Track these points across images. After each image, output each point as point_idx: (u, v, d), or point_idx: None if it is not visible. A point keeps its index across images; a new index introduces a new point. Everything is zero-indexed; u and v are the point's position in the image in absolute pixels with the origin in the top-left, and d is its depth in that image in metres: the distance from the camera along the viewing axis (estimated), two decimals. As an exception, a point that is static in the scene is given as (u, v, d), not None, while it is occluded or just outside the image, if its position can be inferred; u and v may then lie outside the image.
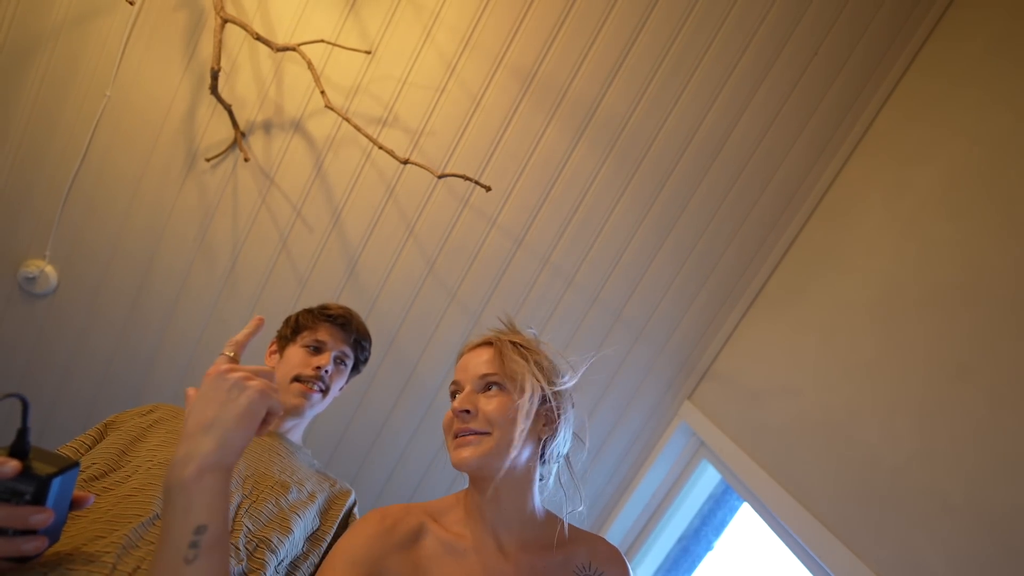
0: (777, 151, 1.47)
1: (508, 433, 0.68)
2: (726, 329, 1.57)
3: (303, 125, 1.36)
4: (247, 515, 0.76)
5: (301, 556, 0.80)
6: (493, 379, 0.72)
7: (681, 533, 1.57)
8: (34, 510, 0.49)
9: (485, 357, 0.74)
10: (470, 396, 0.71)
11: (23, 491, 0.48)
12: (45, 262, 1.37)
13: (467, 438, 0.69)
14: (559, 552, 0.72)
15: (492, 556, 0.68)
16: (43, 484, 0.49)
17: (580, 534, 0.77)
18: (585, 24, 1.35)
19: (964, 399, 0.88)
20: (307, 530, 0.83)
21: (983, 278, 0.94)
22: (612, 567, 0.75)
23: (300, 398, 0.95)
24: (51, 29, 1.25)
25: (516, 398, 0.70)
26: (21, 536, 0.49)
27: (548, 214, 1.47)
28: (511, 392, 0.71)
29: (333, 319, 1.03)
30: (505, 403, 0.70)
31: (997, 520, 0.76)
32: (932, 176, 1.15)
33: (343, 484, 0.95)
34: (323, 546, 0.83)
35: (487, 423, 0.69)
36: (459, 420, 0.71)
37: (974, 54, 1.20)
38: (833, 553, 0.96)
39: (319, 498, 0.87)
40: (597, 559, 0.74)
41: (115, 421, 0.87)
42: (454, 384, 0.76)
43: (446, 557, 0.67)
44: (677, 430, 1.57)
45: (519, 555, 0.70)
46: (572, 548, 0.74)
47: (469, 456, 0.67)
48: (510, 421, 0.69)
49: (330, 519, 0.87)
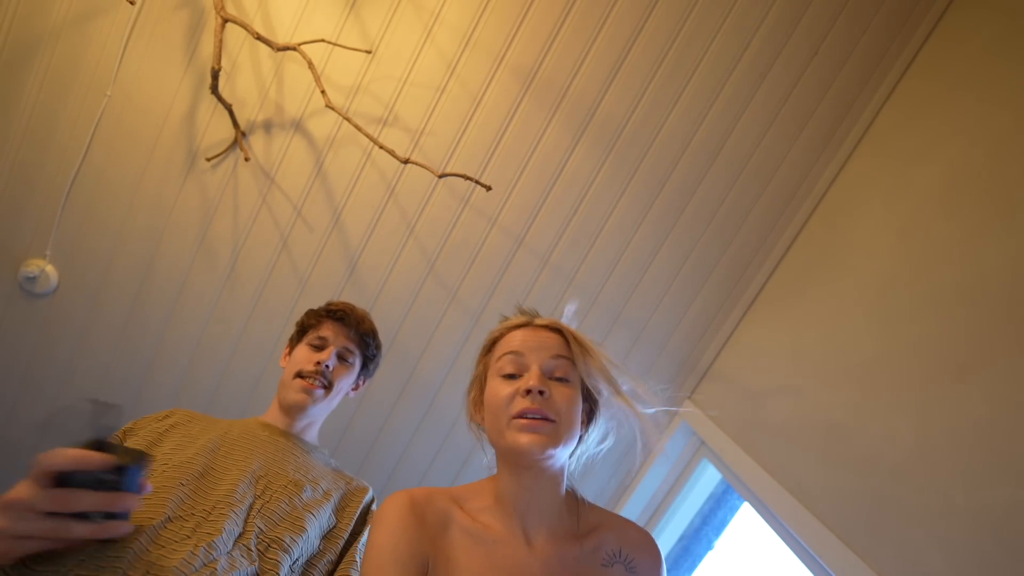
0: (777, 151, 1.47)
1: (572, 427, 0.67)
2: (726, 329, 1.57)
3: (304, 125, 1.36)
4: (259, 516, 0.76)
5: (317, 554, 0.80)
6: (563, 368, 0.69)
7: (681, 532, 1.57)
8: (121, 495, 0.55)
9: (556, 340, 0.71)
10: (543, 377, 0.67)
11: (109, 480, 0.54)
12: (46, 262, 1.37)
13: (537, 422, 0.64)
14: (587, 541, 0.69)
15: (520, 548, 0.65)
16: (126, 473, 0.55)
17: (610, 518, 0.74)
18: (585, 24, 1.36)
19: (964, 398, 0.88)
20: (323, 528, 0.82)
21: (983, 278, 0.94)
22: (643, 554, 0.71)
23: (302, 394, 0.96)
24: (52, 29, 1.25)
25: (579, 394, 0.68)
26: (108, 520, 0.55)
27: (548, 214, 1.47)
28: (575, 386, 0.69)
29: (333, 314, 1.04)
30: (573, 395, 0.68)
31: (997, 518, 0.76)
32: (932, 176, 1.15)
33: (360, 481, 0.95)
34: (340, 544, 0.83)
35: (555, 411, 0.65)
36: (531, 400, 0.65)
37: (973, 54, 1.21)
38: (833, 552, 0.97)
39: (334, 496, 0.87)
40: (627, 545, 0.70)
41: (133, 428, 0.88)
42: (513, 355, 0.70)
43: (474, 548, 0.64)
44: (678, 430, 1.57)
45: (546, 547, 0.67)
46: (601, 534, 0.70)
47: (539, 442, 0.63)
48: (576, 415, 0.67)
49: (347, 516, 0.87)
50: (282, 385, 0.99)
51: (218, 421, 0.93)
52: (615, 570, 0.67)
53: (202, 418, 0.93)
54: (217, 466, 0.80)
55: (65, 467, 0.52)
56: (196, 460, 0.79)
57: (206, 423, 0.91)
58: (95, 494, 0.53)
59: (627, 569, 0.68)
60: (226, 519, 0.71)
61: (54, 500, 0.52)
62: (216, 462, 0.80)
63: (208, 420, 0.92)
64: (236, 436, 0.87)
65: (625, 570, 0.68)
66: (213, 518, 0.71)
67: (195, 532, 0.68)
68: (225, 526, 0.70)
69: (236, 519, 0.73)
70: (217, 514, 0.72)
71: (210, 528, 0.69)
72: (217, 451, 0.82)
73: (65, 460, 0.52)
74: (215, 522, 0.70)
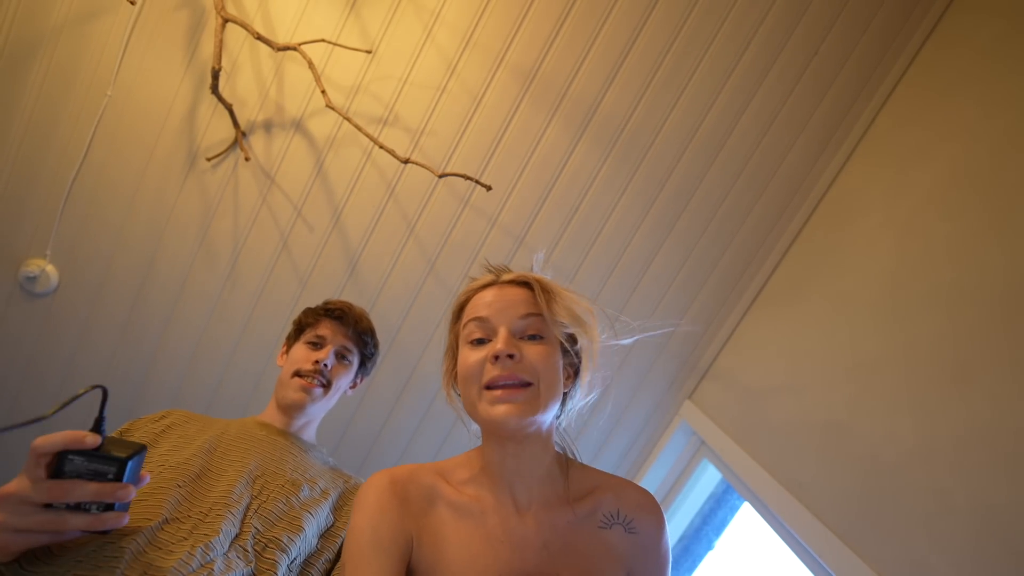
0: (778, 151, 1.47)
1: (553, 388, 0.62)
2: (727, 328, 1.57)
3: (304, 125, 1.37)
4: (256, 516, 0.76)
5: (315, 553, 0.80)
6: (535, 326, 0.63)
7: (682, 532, 1.57)
8: (119, 486, 0.54)
9: (524, 296, 0.66)
10: (512, 339, 0.62)
11: (106, 471, 0.54)
12: (46, 261, 1.37)
13: (511, 390, 0.60)
14: (582, 505, 0.65)
15: (511, 517, 0.62)
16: (123, 464, 0.55)
17: (606, 479, 0.69)
18: (585, 24, 1.36)
19: (965, 398, 0.88)
20: (321, 527, 0.82)
21: (982, 278, 0.94)
22: (643, 513, 0.66)
23: (300, 392, 0.96)
24: (52, 28, 1.25)
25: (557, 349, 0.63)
26: (105, 512, 0.55)
27: (548, 214, 1.47)
28: (551, 342, 0.63)
29: (331, 312, 1.04)
30: (548, 352, 0.62)
31: (997, 518, 0.76)
32: (932, 176, 1.15)
33: (358, 479, 0.95)
34: (337, 543, 0.83)
35: (531, 372, 0.60)
36: (500, 366, 0.60)
37: (972, 56, 1.20)
38: (834, 552, 0.96)
39: (332, 494, 0.87)
40: (626, 506, 0.66)
41: (130, 428, 0.87)
42: (478, 321, 0.64)
43: (462, 521, 0.61)
44: (678, 429, 1.57)
45: (539, 512, 0.63)
46: (597, 497, 0.66)
47: (515, 412, 0.58)
48: (555, 373, 0.62)
49: (344, 515, 0.87)
50: (280, 384, 0.99)
51: (215, 421, 0.93)
52: (614, 531, 0.64)
53: (199, 418, 0.92)
54: (214, 467, 0.80)
55: (59, 447, 0.52)
56: (193, 461, 0.78)
57: (203, 423, 0.91)
58: (93, 484, 0.53)
59: (626, 530, 0.65)
60: (223, 520, 0.71)
61: (51, 491, 0.51)
62: (213, 463, 0.80)
63: (205, 420, 0.92)
64: (233, 436, 0.87)
65: (624, 531, 0.65)
66: (210, 519, 0.71)
67: (192, 533, 0.68)
68: (222, 527, 0.70)
69: (233, 520, 0.73)
70: (214, 515, 0.72)
71: (207, 529, 0.69)
72: (214, 452, 0.82)
73: (58, 440, 0.51)
74: (212, 523, 0.70)
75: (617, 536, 0.64)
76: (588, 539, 0.63)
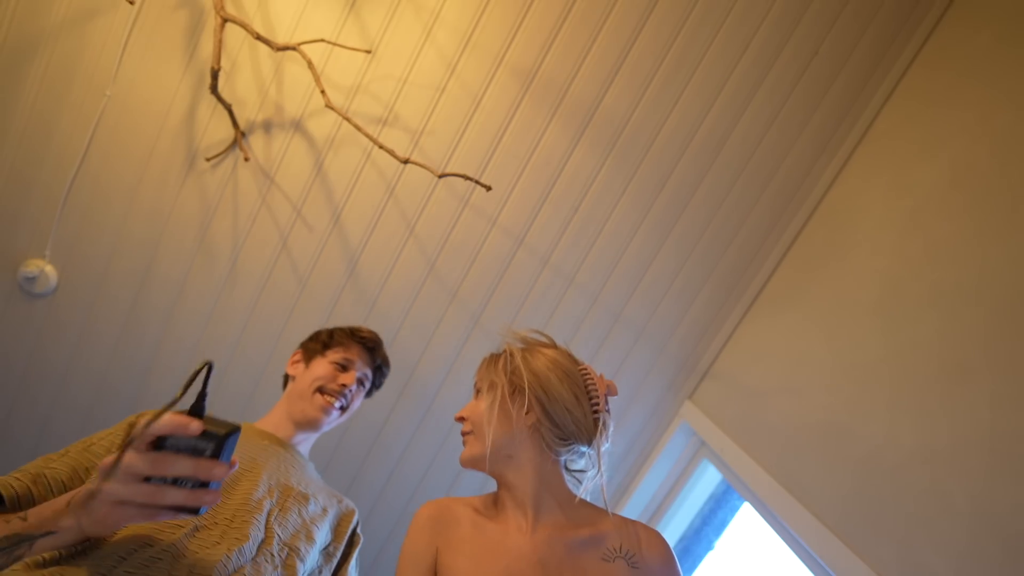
0: (778, 150, 1.47)
1: (481, 429, 0.76)
2: (727, 329, 1.57)
3: (303, 125, 1.36)
4: (276, 522, 0.76)
5: (315, 570, 0.81)
6: (477, 385, 0.82)
7: (682, 533, 1.57)
8: (215, 463, 0.54)
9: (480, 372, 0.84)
10: (469, 404, 0.82)
11: (204, 448, 0.54)
12: (45, 262, 1.37)
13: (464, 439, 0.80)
14: (585, 531, 0.72)
15: (512, 534, 0.73)
16: (221, 442, 0.55)
17: (616, 518, 0.76)
18: (585, 24, 1.35)
19: (966, 399, 0.88)
20: (322, 543, 0.84)
21: (985, 278, 0.94)
22: (647, 549, 0.72)
23: (320, 412, 0.97)
24: (51, 28, 1.25)
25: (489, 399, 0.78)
26: (201, 489, 0.55)
27: (548, 214, 1.46)
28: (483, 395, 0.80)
29: (364, 342, 1.09)
30: (478, 404, 0.79)
31: (999, 520, 0.76)
32: (934, 175, 1.15)
33: (348, 502, 0.97)
34: (333, 562, 0.85)
35: (470, 424, 0.79)
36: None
37: (975, 53, 1.20)
38: (834, 553, 0.96)
39: (331, 513, 0.89)
40: (630, 542, 0.72)
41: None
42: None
43: (471, 531, 0.74)
44: (678, 430, 1.57)
45: (543, 532, 0.72)
46: (602, 530, 0.73)
47: (461, 456, 0.79)
48: (482, 418, 0.77)
49: (339, 535, 0.89)
50: (299, 396, 0.99)
51: None
52: (616, 565, 0.69)
53: None
54: None
55: (166, 432, 0.52)
56: None
57: None
58: (192, 459, 0.54)
59: (629, 564, 0.69)
60: (250, 525, 0.72)
61: (154, 463, 0.52)
62: None
63: None
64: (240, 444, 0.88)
65: (627, 565, 0.69)
66: (237, 524, 0.72)
67: (223, 538, 0.69)
68: (250, 532, 0.71)
69: (258, 525, 0.74)
70: (240, 520, 0.72)
71: (237, 534, 0.70)
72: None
73: (165, 425, 0.52)
74: (240, 527, 0.71)
75: (619, 569, 0.69)
76: (588, 566, 0.69)
